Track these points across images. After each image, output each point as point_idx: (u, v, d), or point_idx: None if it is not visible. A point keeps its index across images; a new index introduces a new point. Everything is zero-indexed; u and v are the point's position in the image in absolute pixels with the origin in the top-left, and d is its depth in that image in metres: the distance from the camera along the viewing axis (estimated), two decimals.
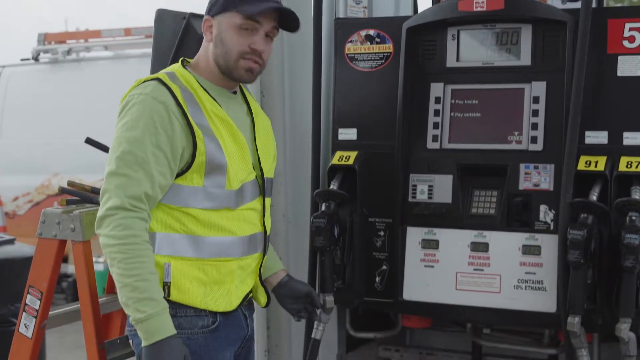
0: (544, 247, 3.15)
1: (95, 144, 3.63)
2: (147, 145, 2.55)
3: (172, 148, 2.58)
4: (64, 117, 8.83)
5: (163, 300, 2.54)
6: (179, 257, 2.63)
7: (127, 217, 2.52)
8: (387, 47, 3.45)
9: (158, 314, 2.51)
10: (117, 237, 2.52)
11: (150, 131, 2.56)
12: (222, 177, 2.65)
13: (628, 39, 3.09)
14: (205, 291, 2.66)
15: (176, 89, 2.63)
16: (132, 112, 2.60)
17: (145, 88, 2.62)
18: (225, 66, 2.71)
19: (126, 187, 2.54)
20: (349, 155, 3.42)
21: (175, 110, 2.60)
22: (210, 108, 2.67)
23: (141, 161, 2.55)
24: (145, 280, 2.51)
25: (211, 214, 2.66)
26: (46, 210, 3.25)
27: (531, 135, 3.22)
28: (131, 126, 2.58)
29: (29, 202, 9.00)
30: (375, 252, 3.41)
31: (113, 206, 2.53)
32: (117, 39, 9.32)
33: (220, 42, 2.70)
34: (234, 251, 2.71)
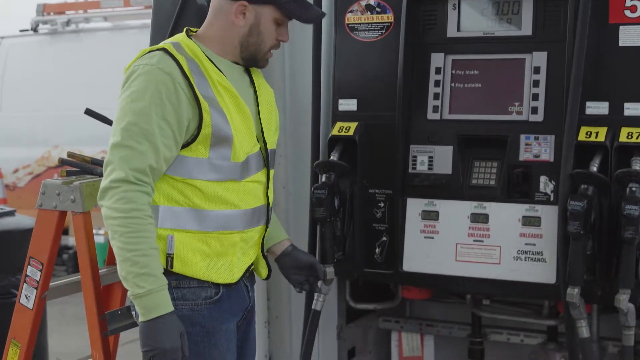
0: (543, 218, 3.15)
1: (95, 115, 3.62)
2: (153, 116, 2.52)
3: (178, 120, 2.55)
4: (63, 88, 8.81)
5: (163, 277, 2.53)
6: (182, 230, 2.62)
7: (131, 190, 2.50)
8: (387, 17, 3.43)
9: (157, 290, 2.50)
10: (120, 210, 2.49)
11: (156, 102, 2.52)
12: (228, 149, 2.63)
13: (630, 8, 3.07)
14: (207, 263, 2.65)
15: (182, 60, 2.59)
16: (137, 83, 2.56)
17: (151, 58, 2.58)
18: (254, 55, 2.72)
19: (131, 160, 2.50)
20: (349, 126, 3.41)
21: (182, 82, 2.56)
22: (216, 79, 2.64)
23: (146, 133, 2.51)
24: (145, 256, 2.49)
25: (216, 186, 2.64)
26: (46, 182, 3.25)
27: (532, 106, 3.20)
28: (137, 97, 2.54)
29: (29, 174, 9.00)
30: (376, 223, 3.41)
31: (117, 178, 2.50)
32: (116, 9, 9.25)
33: (257, 32, 2.68)
34: (238, 224, 2.70)
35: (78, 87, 8.64)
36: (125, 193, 2.49)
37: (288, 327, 3.77)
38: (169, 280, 2.56)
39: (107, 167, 2.54)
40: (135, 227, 2.49)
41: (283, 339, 3.76)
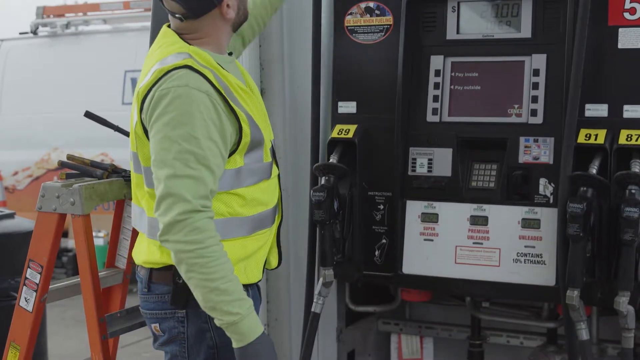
0: (543, 221, 3.15)
1: (94, 117, 3.61)
2: (202, 140, 2.44)
3: (222, 137, 2.50)
4: (63, 91, 8.82)
5: (248, 298, 2.50)
6: (226, 240, 2.56)
7: (201, 219, 2.43)
8: (387, 19, 3.43)
9: (249, 313, 2.47)
10: (195, 241, 2.41)
11: (201, 124, 2.45)
12: (260, 151, 2.65)
13: (629, 10, 3.07)
14: (245, 266, 2.66)
15: (208, 73, 2.53)
16: (174, 107, 2.46)
17: (180, 79, 2.48)
18: (243, 18, 2.73)
19: (194, 189, 2.43)
20: (349, 129, 3.41)
21: (217, 97, 2.50)
22: (234, 83, 2.60)
23: (200, 158, 2.44)
24: (231, 281, 2.45)
25: (254, 190, 2.65)
26: (46, 184, 3.25)
27: (531, 108, 3.20)
28: (179, 122, 2.44)
29: (29, 176, 9.00)
30: (375, 225, 3.41)
31: (185, 210, 2.41)
32: (116, 12, 9.27)
33: (241, 3, 2.69)
34: (268, 222, 2.74)
35: (78, 89, 8.65)
36: (196, 223, 2.42)
37: (287, 329, 3.76)
38: None
39: (166, 199, 2.44)
40: (215, 254, 2.44)
41: (282, 341, 3.76)
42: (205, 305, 2.47)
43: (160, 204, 2.45)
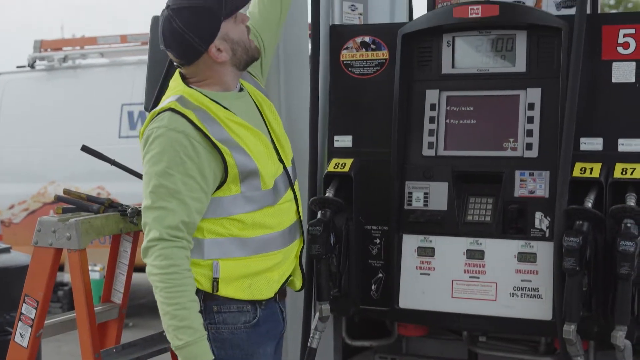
0: (539, 255, 3.15)
1: (91, 152, 3.62)
2: (176, 175, 2.66)
3: (201, 172, 2.68)
4: (60, 124, 8.83)
5: (201, 328, 2.67)
6: (227, 259, 2.77)
7: (167, 247, 2.65)
8: (382, 53, 3.45)
9: (196, 342, 2.65)
10: (159, 266, 2.65)
11: (176, 161, 2.66)
12: (257, 180, 2.78)
13: (622, 45, 3.10)
14: (250, 282, 2.80)
15: (190, 114, 2.71)
16: (154, 147, 2.69)
17: (161, 121, 2.70)
18: (248, 56, 2.85)
19: (162, 219, 2.66)
20: (345, 163, 3.42)
21: (196, 136, 2.69)
22: (226, 118, 2.76)
23: (172, 192, 2.66)
24: (184, 309, 2.65)
25: (254, 215, 2.79)
26: (42, 219, 3.25)
27: (526, 142, 3.22)
28: (157, 160, 2.68)
29: (25, 210, 8.98)
30: (371, 259, 3.41)
31: (153, 238, 2.65)
32: (113, 45, 9.31)
33: (236, 45, 2.80)
34: (277, 245, 2.86)
35: (75, 122, 8.66)
36: (162, 250, 2.65)
37: None
38: (210, 305, 2.74)
39: (144, 228, 2.70)
40: (174, 282, 2.64)
41: None
42: (163, 326, 2.69)
43: (143, 230, 2.72)
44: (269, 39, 3.19)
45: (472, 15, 3.26)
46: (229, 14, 2.77)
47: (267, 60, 3.19)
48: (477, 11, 3.25)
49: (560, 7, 3.42)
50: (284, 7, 3.22)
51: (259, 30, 3.13)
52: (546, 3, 3.44)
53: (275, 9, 3.19)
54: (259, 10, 3.18)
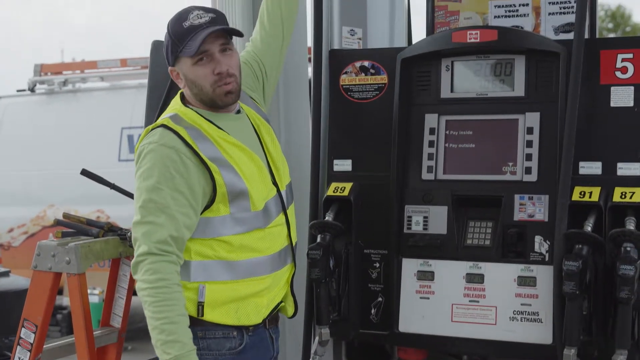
0: (539, 278, 3.15)
1: (91, 175, 3.63)
2: (165, 190, 2.67)
3: (190, 188, 2.70)
4: (60, 148, 8.84)
5: (190, 343, 2.65)
6: (213, 282, 2.76)
7: (156, 261, 2.65)
8: (381, 78, 3.47)
9: (184, 356, 2.63)
10: (148, 281, 2.65)
11: (166, 177, 2.68)
12: (246, 201, 2.77)
13: (621, 69, 3.11)
14: (237, 307, 2.78)
15: (182, 130, 2.73)
16: (145, 162, 2.71)
17: (153, 136, 2.73)
18: (208, 100, 2.83)
19: (151, 234, 2.66)
20: (344, 187, 3.42)
21: (186, 152, 2.71)
22: (219, 137, 2.77)
23: (161, 207, 2.67)
24: (172, 323, 2.63)
25: (243, 238, 2.78)
26: (41, 243, 3.26)
27: (525, 166, 3.22)
28: (147, 175, 2.69)
29: (24, 233, 8.97)
30: (371, 283, 3.40)
31: (142, 252, 2.66)
32: (113, 69, 9.34)
33: (191, 83, 2.82)
34: (266, 269, 2.84)
35: (74, 146, 8.67)
36: (151, 265, 2.64)
37: None
38: (195, 330, 2.70)
39: (135, 243, 2.71)
40: (162, 296, 2.63)
41: None
42: (152, 341, 2.66)
43: (134, 245, 2.72)
44: (271, 64, 3.20)
45: (471, 40, 3.27)
46: (185, 54, 2.78)
47: (269, 86, 3.20)
48: (476, 36, 3.26)
49: (559, 31, 3.44)
50: (286, 33, 3.23)
51: (260, 56, 3.15)
52: (544, 28, 3.47)
53: (277, 35, 3.20)
54: (261, 37, 3.19)
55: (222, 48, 2.80)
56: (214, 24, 2.78)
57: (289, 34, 3.26)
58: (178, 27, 2.78)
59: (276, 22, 3.20)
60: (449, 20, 3.58)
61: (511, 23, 3.49)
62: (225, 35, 2.81)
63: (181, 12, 2.82)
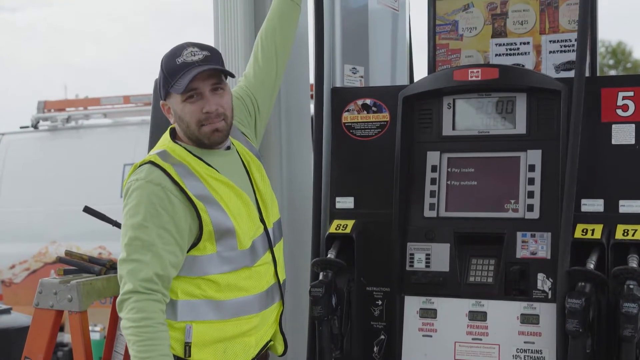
0: (542, 316, 3.14)
1: (93, 212, 3.64)
2: (151, 227, 2.65)
3: (176, 225, 2.68)
4: (62, 184, 8.83)
5: None
6: (200, 321, 2.73)
7: (141, 299, 2.63)
8: (383, 116, 3.48)
9: None
10: (132, 319, 2.63)
11: (152, 214, 2.66)
12: (233, 239, 2.75)
13: (622, 107, 3.12)
14: (225, 347, 2.75)
15: (169, 167, 2.72)
16: (132, 199, 2.70)
17: (140, 173, 2.72)
18: (194, 137, 2.82)
19: (137, 272, 2.64)
20: (346, 224, 3.42)
21: (173, 189, 2.69)
22: (207, 175, 2.75)
23: (147, 245, 2.65)
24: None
25: (230, 277, 2.75)
26: (43, 281, 3.25)
27: (527, 204, 3.22)
28: (133, 213, 2.68)
29: (26, 269, 8.95)
30: (373, 321, 3.39)
31: (127, 290, 2.65)
32: (116, 106, 9.36)
33: (180, 119, 2.82)
34: (253, 308, 2.81)
35: (77, 182, 8.67)
36: (135, 303, 2.63)
37: None
38: None
39: (120, 281, 2.69)
40: (146, 335, 2.61)
41: None
42: None
43: (120, 282, 2.71)
44: (264, 100, 3.20)
45: (472, 79, 3.29)
46: (174, 91, 2.79)
47: (261, 121, 3.20)
48: (477, 74, 3.28)
49: (559, 69, 3.46)
50: (279, 69, 3.24)
51: (253, 91, 3.16)
52: (545, 66, 3.49)
53: (270, 71, 3.22)
54: (254, 72, 3.21)
55: (214, 87, 2.80)
56: (207, 63, 2.77)
57: (282, 70, 3.28)
58: (171, 63, 2.79)
59: (270, 57, 3.22)
60: (450, 58, 3.61)
61: (512, 61, 3.51)
62: (218, 74, 2.81)
63: (176, 47, 2.82)
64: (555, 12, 3.46)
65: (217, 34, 3.91)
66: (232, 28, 3.80)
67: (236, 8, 3.80)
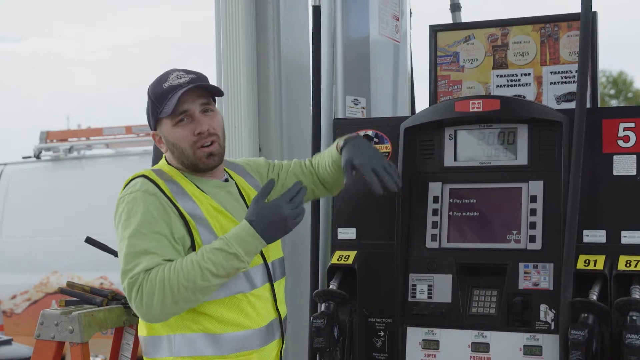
0: (545, 348, 3.13)
1: (95, 243, 3.64)
2: (147, 234, 2.60)
3: (172, 232, 2.63)
4: (64, 214, 8.84)
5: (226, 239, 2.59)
6: (199, 357, 2.64)
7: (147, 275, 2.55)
8: (385, 147, 3.49)
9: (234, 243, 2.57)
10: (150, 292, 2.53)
11: (149, 221, 2.61)
12: None
13: (623, 138, 3.13)
14: None
15: (162, 184, 2.69)
16: (126, 211, 2.65)
17: (134, 186, 2.69)
18: (189, 162, 2.77)
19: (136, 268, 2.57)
20: (348, 255, 3.42)
21: (166, 201, 2.66)
22: (204, 200, 2.72)
23: (144, 252, 2.58)
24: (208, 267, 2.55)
25: (223, 310, 2.67)
26: (45, 312, 3.25)
27: (529, 235, 3.22)
28: (128, 223, 2.63)
29: (27, 300, 8.93)
30: (376, 352, 3.38)
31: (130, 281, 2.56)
32: (118, 136, 9.39)
33: (172, 146, 2.78)
34: (253, 343, 2.73)
35: (79, 212, 8.67)
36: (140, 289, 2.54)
37: None
38: None
39: (125, 291, 2.60)
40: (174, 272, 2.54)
41: None
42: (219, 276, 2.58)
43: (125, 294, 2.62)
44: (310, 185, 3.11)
45: (474, 110, 3.30)
46: (164, 115, 2.74)
47: (288, 183, 3.05)
48: (479, 105, 3.29)
49: (560, 100, 3.47)
50: (317, 192, 3.18)
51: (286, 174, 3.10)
52: (546, 97, 3.50)
53: (327, 184, 3.15)
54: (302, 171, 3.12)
55: (204, 108, 2.76)
56: (194, 84, 2.74)
57: (330, 194, 3.24)
58: (158, 89, 2.75)
59: (323, 180, 3.14)
60: (451, 89, 3.62)
61: (513, 92, 3.53)
62: (207, 95, 2.77)
63: (162, 74, 2.79)
64: (556, 44, 3.48)
65: (219, 65, 3.93)
66: (234, 60, 3.83)
67: (238, 40, 3.82)
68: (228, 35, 3.86)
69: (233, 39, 3.84)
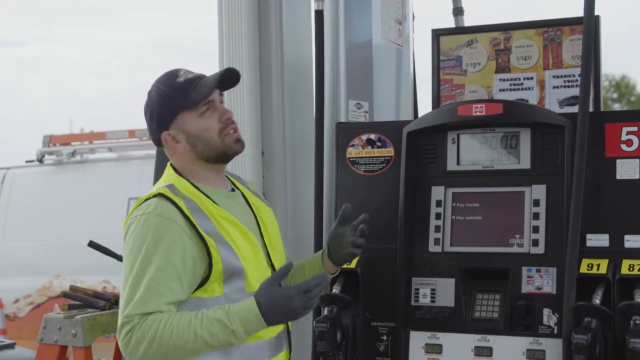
0: (548, 352, 3.12)
1: (98, 247, 3.64)
2: (154, 263, 2.51)
3: (183, 261, 2.53)
4: (67, 218, 8.85)
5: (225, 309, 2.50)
6: None
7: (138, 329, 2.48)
8: (388, 151, 3.49)
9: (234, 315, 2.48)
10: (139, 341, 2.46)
11: (156, 248, 2.52)
12: (241, 281, 2.62)
13: (626, 142, 3.13)
14: None
15: (180, 201, 2.60)
16: (135, 235, 2.56)
17: (147, 207, 2.59)
18: (217, 153, 2.71)
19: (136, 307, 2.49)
20: None
21: (182, 223, 2.56)
22: (216, 213, 2.65)
23: (148, 286, 2.50)
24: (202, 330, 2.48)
25: None
26: (48, 316, 3.25)
27: (532, 239, 3.22)
28: (137, 249, 2.53)
29: (30, 304, 8.94)
30: (379, 356, 3.38)
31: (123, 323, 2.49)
32: (121, 140, 9.40)
33: (196, 139, 2.69)
34: (264, 354, 2.69)
35: (82, 216, 8.68)
36: (131, 332, 2.47)
37: None
38: None
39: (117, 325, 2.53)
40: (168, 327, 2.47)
41: None
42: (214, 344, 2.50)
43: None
44: None
45: (476, 114, 3.30)
46: (190, 105, 2.67)
47: None
48: (481, 109, 3.30)
49: (563, 104, 3.47)
50: None
51: None
52: (549, 101, 3.50)
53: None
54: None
55: (221, 99, 2.74)
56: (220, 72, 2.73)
57: None
58: (174, 83, 2.68)
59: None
60: (454, 93, 3.62)
61: (516, 96, 3.53)
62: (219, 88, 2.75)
63: (167, 73, 2.73)
64: (559, 48, 3.48)
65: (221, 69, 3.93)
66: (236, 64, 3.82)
67: (241, 44, 3.83)
68: (231, 39, 3.86)
69: (236, 42, 3.84)
